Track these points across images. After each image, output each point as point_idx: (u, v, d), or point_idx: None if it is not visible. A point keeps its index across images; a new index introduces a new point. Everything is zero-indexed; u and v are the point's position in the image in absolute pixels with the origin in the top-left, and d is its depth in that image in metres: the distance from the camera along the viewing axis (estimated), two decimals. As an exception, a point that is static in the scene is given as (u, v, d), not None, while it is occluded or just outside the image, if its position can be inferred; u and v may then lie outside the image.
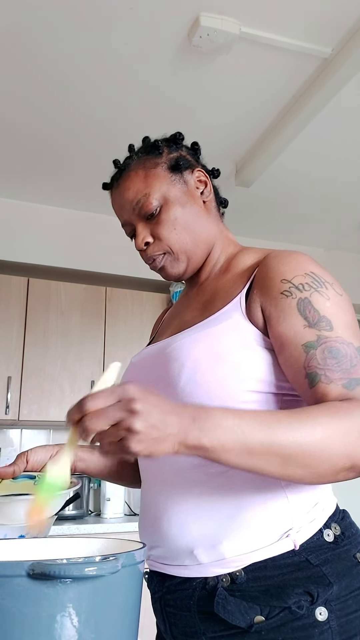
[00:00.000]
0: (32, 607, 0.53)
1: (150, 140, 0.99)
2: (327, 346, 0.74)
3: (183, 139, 1.00)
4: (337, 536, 0.79)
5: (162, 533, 0.82)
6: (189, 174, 0.96)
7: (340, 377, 0.72)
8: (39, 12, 2.00)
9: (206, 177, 0.98)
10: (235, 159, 2.98)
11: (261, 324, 0.81)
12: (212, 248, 0.97)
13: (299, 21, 2.05)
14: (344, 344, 0.75)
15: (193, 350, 0.81)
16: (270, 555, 0.76)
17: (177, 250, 0.93)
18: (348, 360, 0.73)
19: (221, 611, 0.74)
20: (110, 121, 2.62)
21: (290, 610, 0.72)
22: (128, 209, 0.94)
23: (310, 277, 0.80)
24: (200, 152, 1.03)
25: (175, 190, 0.93)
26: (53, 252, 3.33)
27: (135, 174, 0.94)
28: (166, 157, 0.95)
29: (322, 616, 0.72)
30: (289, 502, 0.78)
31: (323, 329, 0.75)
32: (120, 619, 0.60)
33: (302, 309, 0.77)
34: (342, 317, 0.78)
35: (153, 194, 0.92)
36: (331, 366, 0.73)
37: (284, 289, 0.79)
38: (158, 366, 0.86)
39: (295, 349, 0.76)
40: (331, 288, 0.80)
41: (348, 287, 4.62)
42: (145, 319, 3.40)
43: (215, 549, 0.77)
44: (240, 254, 0.94)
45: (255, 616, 0.73)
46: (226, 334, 0.81)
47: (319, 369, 0.73)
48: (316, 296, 0.78)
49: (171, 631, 0.83)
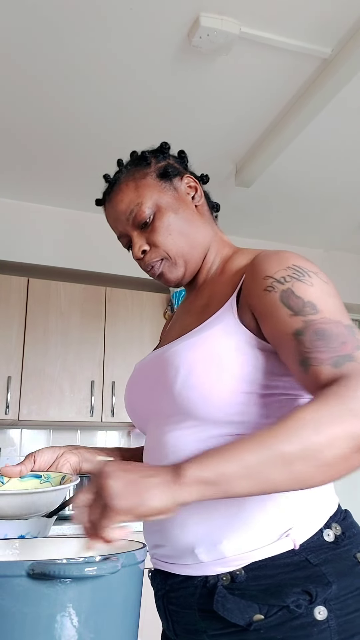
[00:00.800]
0: (32, 607, 0.53)
1: (138, 153, 1.01)
2: (314, 329, 0.73)
3: (169, 149, 1.02)
4: (337, 536, 0.79)
5: (165, 532, 0.82)
6: (178, 180, 0.98)
7: (330, 356, 0.71)
8: (38, 12, 2.00)
9: (196, 182, 0.99)
10: (235, 159, 2.98)
11: (253, 325, 0.81)
12: (208, 251, 0.98)
13: (299, 21, 2.05)
14: (330, 324, 0.74)
15: (188, 355, 0.81)
16: (270, 555, 0.76)
17: (174, 255, 0.94)
18: (336, 338, 0.72)
19: (220, 609, 0.74)
20: (110, 121, 2.62)
21: (289, 609, 0.72)
22: (122, 220, 0.96)
23: (292, 269, 0.80)
24: (187, 160, 1.05)
25: (166, 197, 0.95)
26: (53, 252, 3.33)
27: (126, 186, 0.96)
28: (154, 167, 0.97)
29: (321, 615, 0.72)
30: (289, 502, 0.78)
31: (308, 314, 0.75)
32: (120, 619, 0.60)
33: (285, 300, 0.77)
34: (327, 300, 0.77)
35: (145, 202, 0.93)
36: (320, 347, 0.72)
37: (266, 285, 0.79)
38: (156, 371, 0.87)
39: (287, 340, 0.75)
40: (315, 276, 0.80)
41: (348, 287, 4.60)
42: (145, 319, 3.40)
43: (216, 548, 0.78)
44: (235, 256, 0.95)
45: (254, 615, 0.73)
46: (220, 337, 0.81)
47: (309, 353, 0.72)
48: (298, 285, 0.78)
49: (174, 629, 0.84)
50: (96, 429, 3.49)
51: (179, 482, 0.62)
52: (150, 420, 0.90)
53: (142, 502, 0.60)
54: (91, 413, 3.14)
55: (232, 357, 0.80)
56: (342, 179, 3.14)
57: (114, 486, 0.60)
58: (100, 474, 0.63)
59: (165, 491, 0.61)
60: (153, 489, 0.61)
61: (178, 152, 1.04)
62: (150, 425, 0.90)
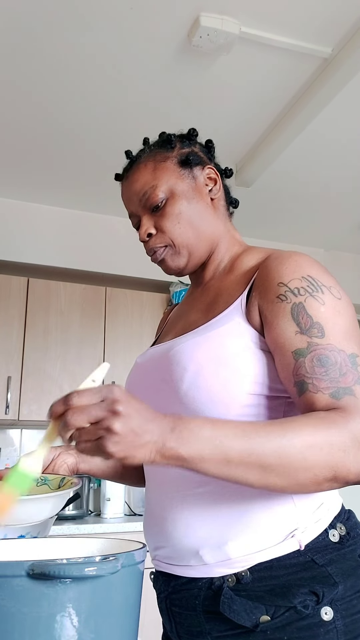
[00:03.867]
0: (32, 607, 0.53)
1: (166, 134, 0.99)
2: (317, 354, 0.73)
3: (197, 135, 1.00)
4: (342, 536, 0.79)
5: (167, 533, 0.82)
6: (199, 170, 0.96)
7: (328, 386, 0.71)
8: (38, 12, 2.00)
9: (217, 174, 0.97)
10: (235, 159, 2.98)
11: (259, 326, 0.81)
12: (217, 246, 0.96)
13: (299, 21, 2.05)
14: (334, 352, 0.73)
15: (195, 354, 0.80)
16: (276, 556, 0.76)
17: (178, 244, 0.93)
18: (337, 368, 0.72)
19: (227, 611, 0.74)
20: (110, 121, 2.62)
21: (296, 610, 0.72)
22: (135, 201, 0.94)
23: (306, 281, 0.79)
24: (214, 150, 1.03)
25: (183, 184, 0.93)
26: (53, 252, 3.33)
27: (145, 166, 0.94)
28: (177, 152, 0.95)
29: (328, 616, 0.72)
30: (294, 503, 0.78)
31: (314, 336, 0.74)
32: (120, 619, 0.60)
33: (295, 315, 0.76)
34: (338, 322, 0.76)
35: (160, 186, 0.92)
36: (319, 375, 0.72)
37: (279, 293, 0.79)
38: (162, 369, 0.86)
39: (285, 355, 0.75)
40: (328, 292, 0.79)
41: (348, 287, 4.62)
42: (145, 319, 3.40)
43: (221, 550, 0.77)
44: (244, 254, 0.94)
45: (260, 616, 0.73)
46: (228, 337, 0.80)
47: (307, 378, 0.72)
48: (310, 301, 0.77)
49: (177, 631, 0.83)
50: (96, 429, 3.49)
51: (161, 450, 0.63)
52: None
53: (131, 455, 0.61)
54: (91, 413, 3.13)
55: (240, 357, 0.79)
56: (342, 179, 3.14)
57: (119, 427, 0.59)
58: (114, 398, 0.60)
59: (149, 453, 0.62)
60: (143, 447, 0.61)
61: (205, 142, 1.02)
62: None
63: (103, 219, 3.41)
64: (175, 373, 0.81)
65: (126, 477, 1.02)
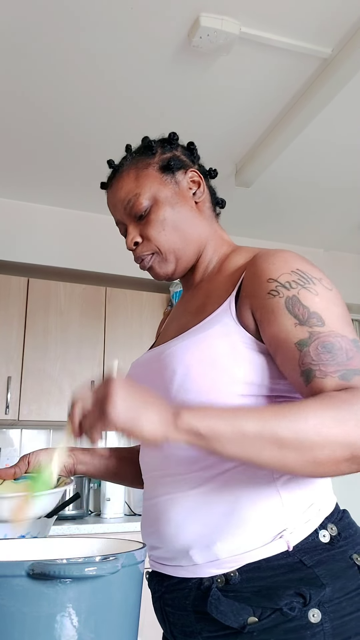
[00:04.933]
0: (32, 607, 0.53)
1: (147, 140, 0.99)
2: (321, 341, 0.73)
3: (177, 139, 1.00)
4: (333, 537, 0.78)
5: (161, 534, 0.82)
6: (181, 174, 0.96)
7: (336, 369, 0.71)
8: (38, 12, 2.00)
9: (200, 177, 0.98)
10: (235, 159, 2.98)
11: (252, 326, 0.80)
12: (204, 249, 0.97)
13: (299, 21, 2.05)
14: (337, 337, 0.73)
15: (185, 357, 0.80)
16: (264, 556, 0.75)
17: (165, 251, 0.93)
18: (344, 352, 0.72)
19: (214, 611, 0.74)
20: (110, 121, 2.62)
21: (282, 612, 0.71)
22: (120, 209, 0.95)
23: (296, 275, 0.79)
24: (197, 152, 1.03)
25: (165, 190, 0.93)
26: (53, 252, 3.33)
27: (127, 175, 0.95)
28: (159, 158, 0.95)
29: (315, 618, 0.71)
30: (282, 503, 0.78)
31: (315, 325, 0.74)
32: (120, 619, 0.60)
33: (290, 308, 0.76)
34: (334, 310, 0.76)
35: (143, 194, 0.92)
36: (325, 360, 0.72)
37: (270, 289, 0.79)
38: (153, 373, 0.86)
39: (288, 348, 0.75)
40: (319, 283, 0.79)
41: (348, 287, 4.59)
42: (145, 319, 3.40)
43: (210, 550, 0.77)
44: (232, 255, 0.94)
45: (248, 617, 0.72)
46: (217, 338, 0.80)
47: (313, 365, 0.72)
48: (304, 293, 0.77)
49: (171, 630, 0.84)
50: (96, 429, 3.49)
51: (174, 422, 0.64)
52: None
53: (136, 425, 0.63)
54: (91, 413, 3.13)
55: (229, 359, 0.79)
56: (342, 179, 3.14)
57: (117, 401, 0.63)
58: (109, 383, 0.65)
59: (159, 426, 0.64)
60: (150, 419, 0.64)
61: (187, 144, 1.02)
62: None
63: (103, 219, 3.40)
64: (166, 376, 0.82)
65: (123, 477, 1.03)
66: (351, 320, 0.78)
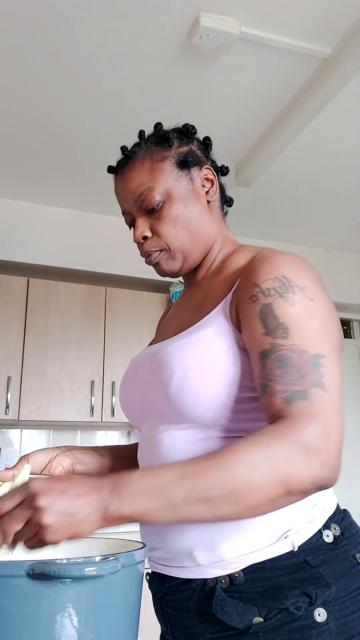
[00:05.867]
0: (32, 607, 0.53)
1: (162, 128, 0.96)
2: (278, 355, 0.72)
3: (195, 132, 0.97)
4: (336, 537, 0.78)
5: (162, 535, 0.82)
6: (196, 170, 0.93)
7: (283, 389, 0.70)
8: (38, 12, 2.00)
9: (214, 175, 0.95)
10: (235, 159, 2.98)
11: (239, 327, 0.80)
12: (211, 248, 0.95)
13: (299, 21, 2.05)
14: (296, 352, 0.71)
15: (183, 357, 0.80)
16: (269, 557, 0.75)
17: (174, 249, 0.91)
18: (297, 369, 0.70)
19: (219, 612, 0.74)
20: (109, 121, 2.62)
21: (288, 612, 0.71)
22: (129, 200, 0.92)
23: (279, 281, 0.77)
24: (211, 148, 1.00)
25: (180, 187, 0.91)
26: (53, 252, 3.33)
27: (141, 165, 0.91)
28: (175, 151, 0.92)
29: (321, 617, 0.71)
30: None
31: (278, 337, 0.73)
32: (120, 619, 0.60)
33: (263, 316, 0.75)
34: (307, 323, 0.74)
35: (157, 188, 0.89)
36: (277, 377, 0.71)
37: (252, 294, 0.78)
38: (151, 371, 0.85)
39: (254, 357, 0.75)
40: (300, 292, 0.77)
41: (348, 287, 4.58)
42: (145, 319, 3.40)
43: (214, 551, 0.77)
44: (235, 254, 0.92)
45: (253, 617, 0.72)
46: (214, 338, 0.80)
47: (267, 380, 0.71)
48: (279, 302, 0.75)
49: (172, 632, 0.83)
50: (96, 429, 3.49)
51: (105, 516, 0.62)
52: (145, 419, 0.89)
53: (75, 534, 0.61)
54: (91, 413, 3.14)
55: (224, 359, 0.78)
56: (342, 179, 3.14)
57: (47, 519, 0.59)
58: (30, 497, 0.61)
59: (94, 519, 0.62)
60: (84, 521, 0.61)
61: (203, 139, 0.99)
62: (145, 424, 0.89)
63: (103, 219, 3.41)
64: (164, 376, 0.81)
65: None
66: (332, 333, 0.76)
